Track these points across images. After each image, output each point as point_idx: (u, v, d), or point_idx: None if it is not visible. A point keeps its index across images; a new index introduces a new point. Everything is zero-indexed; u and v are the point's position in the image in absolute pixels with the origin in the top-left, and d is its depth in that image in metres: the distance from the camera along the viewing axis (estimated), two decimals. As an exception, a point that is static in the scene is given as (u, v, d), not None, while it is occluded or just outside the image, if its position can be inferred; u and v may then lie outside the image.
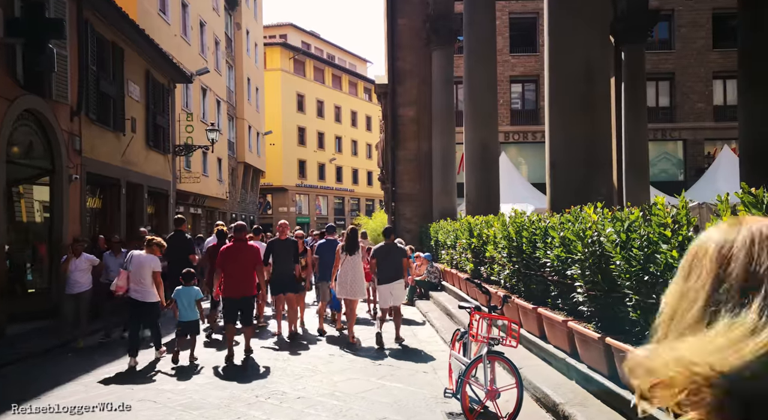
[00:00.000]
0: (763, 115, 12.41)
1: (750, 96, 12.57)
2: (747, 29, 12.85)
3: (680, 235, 3.28)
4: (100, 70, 13.23)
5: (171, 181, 18.64)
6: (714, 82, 28.13)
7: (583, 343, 4.54)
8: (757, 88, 12.50)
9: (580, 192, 6.29)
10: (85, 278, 8.83)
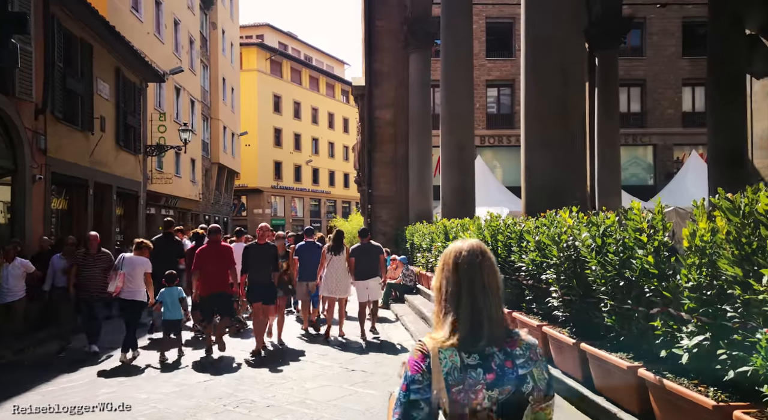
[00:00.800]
0: (731, 121, 12.66)
1: (718, 103, 12.81)
2: (716, 37, 13.10)
3: (656, 240, 3.24)
4: (68, 67, 12.86)
5: (141, 181, 18.23)
6: (683, 89, 28.71)
7: (558, 348, 4.49)
8: (725, 95, 12.75)
9: (555, 196, 6.26)
10: (18, 285, 8.43)
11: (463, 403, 1.55)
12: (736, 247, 2.43)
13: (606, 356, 3.63)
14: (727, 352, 2.52)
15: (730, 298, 2.57)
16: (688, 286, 2.83)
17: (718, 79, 12.77)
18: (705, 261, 2.73)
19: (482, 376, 1.57)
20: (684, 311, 2.88)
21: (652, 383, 3.05)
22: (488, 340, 1.60)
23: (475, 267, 1.65)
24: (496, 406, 1.55)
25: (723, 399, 2.54)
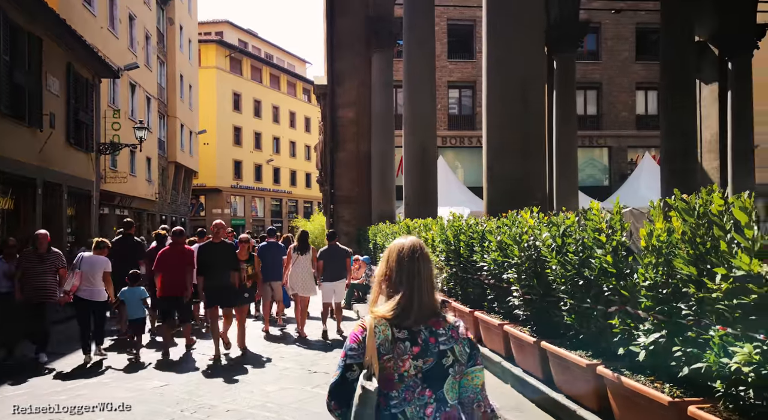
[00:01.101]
0: (682, 125, 13.12)
1: (670, 107, 13.26)
2: (668, 43, 13.55)
3: (614, 240, 3.30)
4: (14, 61, 12.32)
5: (94, 181, 17.63)
6: (637, 93, 29.62)
7: (519, 347, 4.54)
8: (677, 99, 13.21)
9: (516, 197, 6.35)
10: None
11: (392, 369, 1.88)
12: (691, 246, 2.50)
13: (566, 354, 3.69)
14: (682, 349, 2.58)
15: (684, 296, 2.64)
16: (645, 285, 2.90)
17: (671, 84, 13.22)
18: (661, 260, 2.80)
19: (409, 348, 1.90)
20: (641, 309, 2.94)
21: (610, 380, 3.11)
22: (417, 319, 1.92)
23: (413, 260, 2.00)
24: (420, 373, 1.88)
25: (678, 395, 2.61)
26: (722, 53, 17.22)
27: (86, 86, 16.68)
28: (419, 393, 1.87)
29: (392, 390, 1.88)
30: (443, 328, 1.93)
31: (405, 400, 1.88)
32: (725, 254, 2.25)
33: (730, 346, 2.21)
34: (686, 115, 12.45)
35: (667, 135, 13.28)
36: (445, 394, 1.89)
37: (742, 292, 2.16)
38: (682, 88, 13.14)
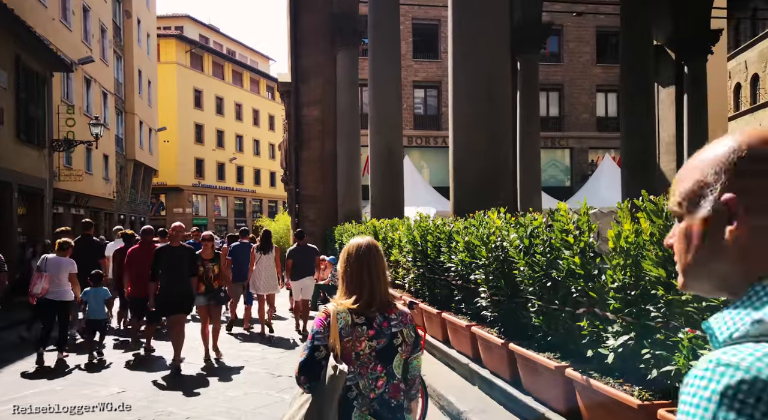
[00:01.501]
0: (642, 127, 13.41)
1: (630, 109, 13.53)
2: (628, 47, 13.83)
3: (582, 241, 3.29)
4: (-40, 53, 11.76)
5: (47, 178, 16.97)
6: (597, 95, 30.27)
7: (487, 348, 4.52)
8: (637, 102, 13.49)
9: (482, 197, 6.34)
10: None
11: (351, 349, 2.25)
12: (659, 248, 2.49)
13: (534, 356, 3.67)
14: (651, 351, 2.58)
15: (653, 298, 2.64)
16: (614, 287, 2.89)
17: (631, 87, 13.50)
18: (629, 262, 2.80)
19: (366, 331, 2.29)
20: (609, 311, 2.93)
21: (579, 383, 3.09)
22: (373, 307, 2.33)
23: (369, 257, 2.40)
24: (374, 352, 2.27)
25: (647, 398, 2.60)
26: (679, 57, 17.72)
27: (37, 80, 16.03)
28: (372, 368, 2.24)
29: (349, 366, 2.25)
30: (395, 314, 2.33)
31: (360, 374, 2.26)
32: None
33: (700, 348, 2.20)
34: (646, 118, 12.72)
35: (628, 137, 13.56)
36: (394, 369, 2.27)
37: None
38: (642, 91, 13.43)
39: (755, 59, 28.35)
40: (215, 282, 7.63)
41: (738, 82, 30.00)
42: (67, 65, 17.83)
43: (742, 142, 0.79)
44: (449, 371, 5.36)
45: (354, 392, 2.24)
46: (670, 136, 18.03)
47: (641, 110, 13.24)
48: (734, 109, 30.21)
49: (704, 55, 17.43)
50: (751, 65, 28.75)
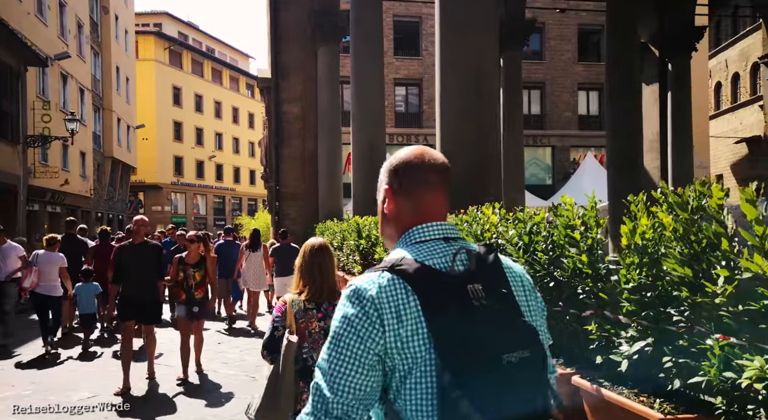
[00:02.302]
0: (628, 125, 13.27)
1: (616, 107, 13.39)
2: (613, 43, 13.69)
3: (590, 237, 3.04)
4: (-76, 44, 11.21)
5: (21, 175, 16.37)
6: (579, 93, 30.30)
7: (481, 352, 4.26)
8: (622, 99, 13.36)
9: (471, 191, 6.09)
10: None
11: (304, 329, 2.95)
12: (685, 245, 2.25)
13: (535, 362, 3.41)
14: (673, 359, 2.33)
15: (674, 300, 2.39)
16: (628, 288, 2.64)
17: (616, 84, 13.36)
18: (646, 260, 2.55)
19: (315, 314, 3.00)
20: (622, 314, 2.68)
21: (588, 392, 2.84)
22: (321, 296, 3.04)
23: (321, 256, 3.09)
24: (323, 330, 2.91)
25: (670, 411, 2.35)
26: (662, 54, 17.68)
27: (10, 74, 15.46)
28: (321, 343, 2.66)
29: (304, 342, 2.94)
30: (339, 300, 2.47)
31: (312, 348, 2.93)
32: (728, 253, 2.00)
33: (735, 358, 1.96)
34: (632, 116, 12.59)
35: (614, 135, 13.41)
36: None
37: (750, 296, 1.91)
38: (628, 89, 13.29)
39: (736, 58, 28.59)
40: (198, 290, 6.51)
41: (719, 81, 30.26)
42: (42, 60, 17.25)
43: (397, 158, 1.33)
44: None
45: (309, 363, 2.89)
46: (653, 133, 18.00)
47: (627, 108, 13.09)
48: (715, 107, 30.47)
49: (689, 53, 17.41)
50: (732, 64, 29.00)
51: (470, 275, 1.17)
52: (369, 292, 1.14)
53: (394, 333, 1.10)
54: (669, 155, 17.51)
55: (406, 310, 1.11)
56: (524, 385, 1.07)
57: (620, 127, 13.11)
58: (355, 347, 1.10)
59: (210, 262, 6.81)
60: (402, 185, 1.30)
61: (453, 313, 1.10)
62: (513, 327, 1.13)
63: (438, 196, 1.31)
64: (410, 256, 1.19)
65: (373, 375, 1.10)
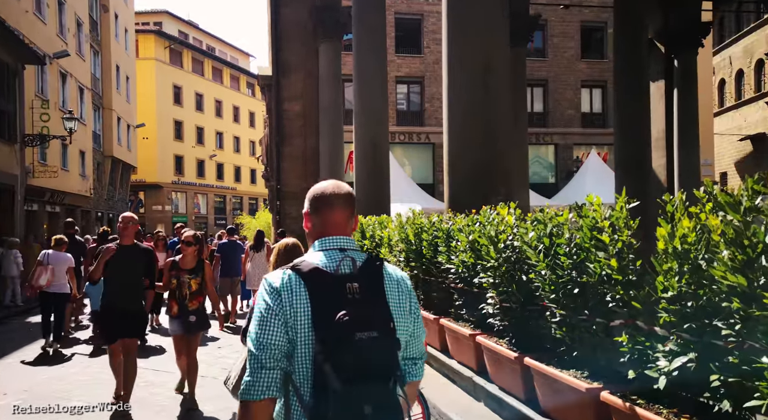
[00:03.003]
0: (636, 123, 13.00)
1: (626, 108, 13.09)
2: (622, 40, 13.41)
3: (620, 240, 2.80)
4: None
5: (18, 174, 16.12)
6: (582, 91, 29.98)
7: (496, 361, 4.02)
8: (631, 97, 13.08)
9: (480, 190, 5.86)
10: None
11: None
12: (738, 250, 2.00)
13: (557, 374, 3.17)
14: (721, 377, 2.09)
15: (721, 311, 2.15)
16: (667, 297, 2.39)
17: (624, 82, 13.09)
18: (688, 267, 2.31)
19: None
20: (659, 326, 2.44)
21: (620, 411, 2.60)
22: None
23: (294, 252, 3.45)
24: None
25: (720, 435, 2.11)
26: (668, 50, 17.41)
27: (7, 72, 15.19)
28: None
29: None
30: None
31: None
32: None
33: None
34: (640, 116, 12.31)
35: (622, 134, 13.16)
36: None
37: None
38: (636, 89, 13.02)
39: (740, 55, 28.29)
40: (193, 302, 5.38)
41: (722, 78, 29.97)
42: (40, 58, 16.97)
43: (313, 189, 1.81)
44: (448, 384, 4.86)
45: None
46: (659, 131, 17.73)
47: (635, 108, 12.83)
48: (719, 105, 30.17)
49: (695, 49, 17.14)
50: (736, 61, 28.71)
51: (350, 276, 1.62)
52: (276, 283, 1.62)
53: (291, 310, 1.57)
54: (675, 153, 17.24)
55: (299, 296, 1.58)
56: (371, 357, 1.50)
57: (629, 126, 12.85)
58: (269, 318, 1.58)
59: (208, 268, 5.58)
60: (313, 209, 1.79)
61: (329, 302, 1.55)
62: (370, 315, 1.56)
63: (339, 217, 1.76)
64: (309, 260, 1.67)
65: (282, 335, 1.57)
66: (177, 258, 5.55)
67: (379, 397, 1.54)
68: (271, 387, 1.57)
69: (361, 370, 1.50)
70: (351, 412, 1.49)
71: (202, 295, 5.48)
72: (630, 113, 12.74)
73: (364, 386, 1.50)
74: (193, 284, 5.39)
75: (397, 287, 1.73)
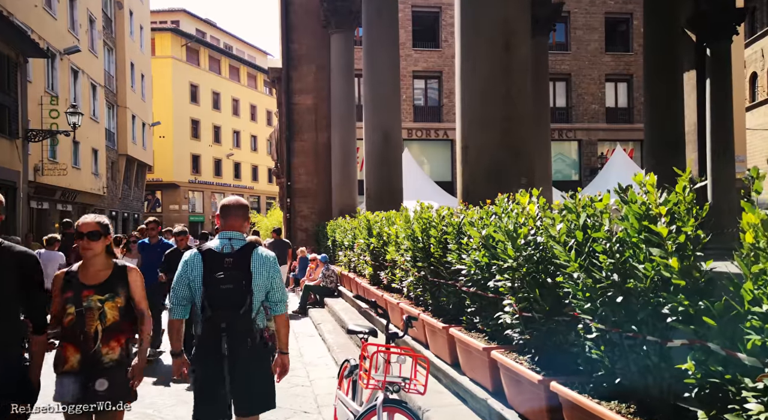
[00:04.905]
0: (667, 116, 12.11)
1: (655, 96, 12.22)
2: (653, 29, 12.53)
3: (683, 233, 2.07)
4: None
5: (21, 171, 15.74)
6: (606, 85, 28.94)
7: (515, 383, 3.29)
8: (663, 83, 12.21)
9: (498, 179, 5.14)
10: None
11: None
12: None
13: (594, 408, 2.44)
14: None
15: None
16: (760, 312, 1.66)
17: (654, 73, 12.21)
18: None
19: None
20: (746, 352, 1.71)
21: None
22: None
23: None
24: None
25: None
26: (700, 39, 16.40)
27: (8, 65, 14.80)
28: None
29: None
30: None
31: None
32: None
33: None
34: (675, 99, 11.44)
35: (651, 127, 12.28)
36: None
37: None
38: (667, 77, 12.13)
39: (773, 46, 27.06)
40: (111, 344, 3.03)
41: (754, 71, 28.69)
42: (42, 51, 16.59)
43: (223, 201, 3.30)
44: (460, 405, 4.14)
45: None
46: (690, 124, 16.72)
47: (667, 98, 11.93)
48: (750, 99, 28.89)
49: (729, 36, 16.09)
50: (769, 53, 27.46)
51: (228, 254, 3.03)
52: (187, 258, 3.07)
53: (192, 274, 3.01)
54: (708, 148, 16.22)
55: (197, 265, 3.02)
56: (228, 298, 2.95)
57: (658, 118, 11.97)
58: (181, 279, 3.04)
59: (136, 276, 3.18)
60: (220, 214, 3.19)
61: (213, 269, 2.98)
62: (232, 276, 2.97)
63: (233, 220, 3.18)
64: (208, 244, 3.12)
65: (186, 289, 3.04)
66: (75, 267, 3.15)
67: (230, 319, 2.95)
68: (181, 312, 3.09)
69: (222, 304, 2.95)
70: (215, 323, 2.94)
71: (126, 329, 3.09)
72: (661, 105, 11.86)
73: (223, 312, 2.95)
74: (108, 310, 3.01)
75: (260, 262, 3.08)
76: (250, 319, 2.97)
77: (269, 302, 3.10)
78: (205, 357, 2.96)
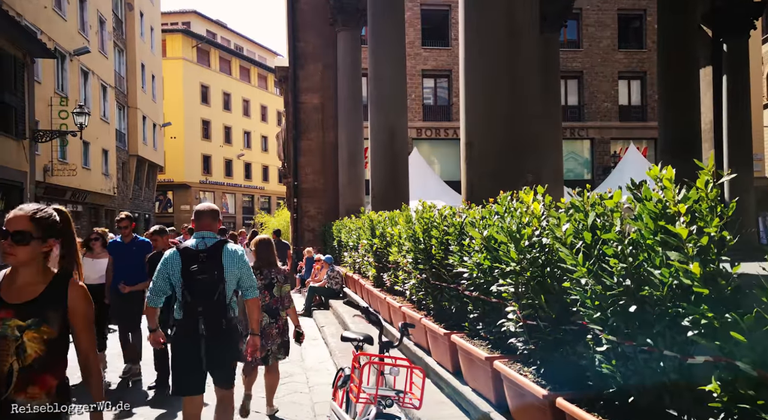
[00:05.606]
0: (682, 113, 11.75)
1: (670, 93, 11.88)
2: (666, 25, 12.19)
3: (705, 234, 1.81)
4: None
5: (27, 171, 15.69)
6: (619, 82, 28.48)
7: (519, 396, 3.04)
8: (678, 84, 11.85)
9: (503, 177, 4.89)
10: None
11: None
12: None
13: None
14: None
15: None
16: (800, 328, 1.40)
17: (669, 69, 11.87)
18: None
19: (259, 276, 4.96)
20: (782, 374, 1.45)
21: None
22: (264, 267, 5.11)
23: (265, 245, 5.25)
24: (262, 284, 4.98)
25: None
26: (716, 34, 15.99)
27: (14, 65, 14.73)
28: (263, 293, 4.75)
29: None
30: (274, 269, 5.04)
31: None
32: None
33: None
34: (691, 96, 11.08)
35: (665, 125, 11.93)
36: (274, 293, 4.95)
37: None
38: (682, 74, 11.77)
39: (791, 43, 26.39)
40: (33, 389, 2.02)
41: (771, 68, 28.04)
42: (49, 51, 16.52)
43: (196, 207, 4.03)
44: (462, 417, 3.89)
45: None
46: (706, 122, 16.31)
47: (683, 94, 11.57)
48: (767, 97, 28.25)
49: (746, 31, 15.66)
50: (787, 49, 26.79)
51: (203, 250, 3.64)
52: (167, 255, 3.70)
53: (172, 269, 3.62)
54: (725, 146, 15.81)
55: (176, 262, 3.63)
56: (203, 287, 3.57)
57: (673, 116, 11.62)
58: (161, 274, 3.63)
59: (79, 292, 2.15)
60: (194, 217, 3.80)
61: (189, 264, 3.60)
62: (207, 269, 3.58)
63: (205, 222, 3.79)
64: (186, 243, 3.76)
65: (166, 283, 3.63)
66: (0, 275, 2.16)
67: (206, 305, 3.55)
68: (158, 302, 3.68)
69: (199, 292, 3.56)
70: (193, 309, 3.54)
71: (55, 369, 2.11)
72: (676, 103, 11.51)
73: (199, 299, 3.55)
74: (30, 343, 2.03)
75: (231, 256, 3.69)
76: (224, 305, 3.61)
77: (240, 288, 3.77)
78: (184, 336, 3.59)
